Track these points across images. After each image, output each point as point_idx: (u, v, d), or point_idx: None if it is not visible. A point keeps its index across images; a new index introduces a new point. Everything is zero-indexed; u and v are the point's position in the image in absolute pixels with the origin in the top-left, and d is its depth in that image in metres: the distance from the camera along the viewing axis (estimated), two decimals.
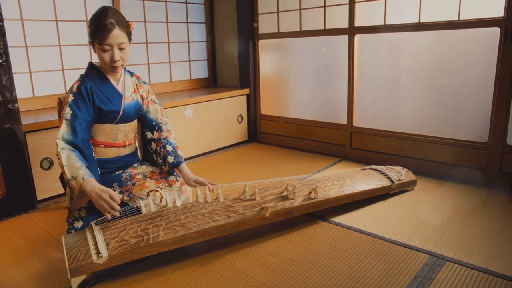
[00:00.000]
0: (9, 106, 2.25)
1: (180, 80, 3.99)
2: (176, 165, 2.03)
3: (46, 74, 3.01)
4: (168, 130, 2.11)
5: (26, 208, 2.41)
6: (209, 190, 1.93)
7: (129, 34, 1.89)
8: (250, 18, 3.76)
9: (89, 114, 1.83)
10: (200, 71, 4.20)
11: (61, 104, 1.98)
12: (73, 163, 1.67)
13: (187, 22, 3.97)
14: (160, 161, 2.08)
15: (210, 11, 4.14)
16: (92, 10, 3.19)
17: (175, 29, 3.87)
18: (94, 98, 1.86)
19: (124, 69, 2.04)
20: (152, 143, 2.10)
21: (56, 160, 2.47)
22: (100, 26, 1.78)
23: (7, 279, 1.68)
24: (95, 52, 1.87)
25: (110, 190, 1.63)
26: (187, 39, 4.00)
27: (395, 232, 1.99)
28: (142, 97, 2.09)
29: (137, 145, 2.18)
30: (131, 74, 2.09)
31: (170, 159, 2.03)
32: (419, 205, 2.29)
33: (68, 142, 1.72)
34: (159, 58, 3.78)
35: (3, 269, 1.77)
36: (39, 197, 2.50)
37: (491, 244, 1.84)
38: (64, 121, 1.77)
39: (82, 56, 3.19)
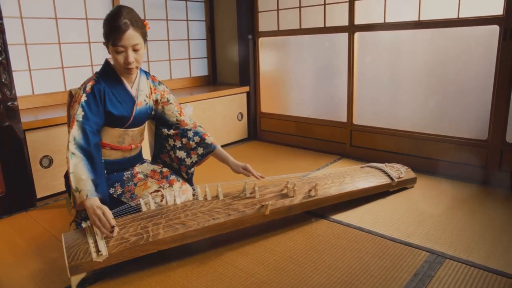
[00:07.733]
0: (9, 104, 2.25)
1: (180, 78, 3.99)
2: (208, 153, 2.07)
3: (46, 72, 3.00)
4: (194, 122, 2.10)
5: (26, 206, 2.40)
6: (257, 178, 2.00)
7: (144, 35, 1.80)
8: (250, 16, 3.76)
9: (100, 117, 1.78)
10: (200, 68, 4.20)
11: (71, 96, 1.93)
12: (80, 174, 1.60)
13: (187, 20, 3.97)
14: (184, 155, 2.07)
15: (210, 9, 4.13)
16: (92, 8, 3.23)
17: (175, 26, 3.87)
18: (105, 101, 1.80)
19: (140, 69, 1.96)
20: (169, 139, 2.08)
21: (65, 159, 2.50)
22: (114, 27, 1.71)
23: (6, 278, 1.69)
24: (109, 53, 1.81)
25: (106, 209, 1.58)
26: (187, 37, 4.00)
27: (394, 229, 1.99)
28: (156, 101, 2.03)
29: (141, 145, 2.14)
30: (147, 75, 2.01)
31: (200, 150, 2.05)
32: (418, 203, 2.29)
33: (80, 147, 1.66)
34: (159, 55, 3.77)
35: (2, 267, 1.77)
36: (38, 195, 2.50)
37: (491, 242, 1.84)
38: (75, 123, 1.70)
39: (82, 54, 3.19)
